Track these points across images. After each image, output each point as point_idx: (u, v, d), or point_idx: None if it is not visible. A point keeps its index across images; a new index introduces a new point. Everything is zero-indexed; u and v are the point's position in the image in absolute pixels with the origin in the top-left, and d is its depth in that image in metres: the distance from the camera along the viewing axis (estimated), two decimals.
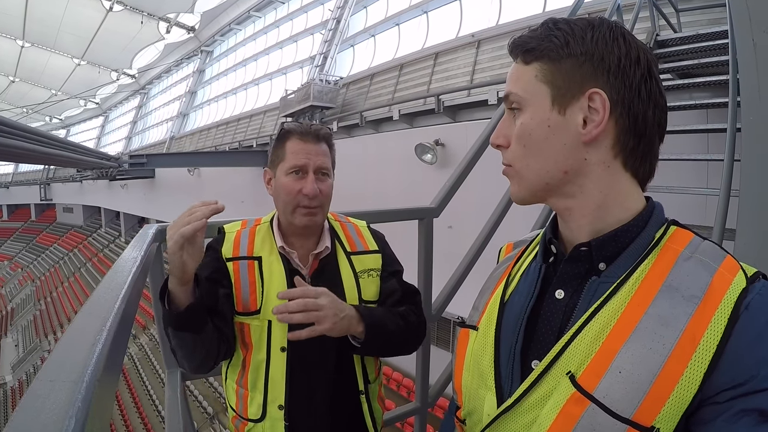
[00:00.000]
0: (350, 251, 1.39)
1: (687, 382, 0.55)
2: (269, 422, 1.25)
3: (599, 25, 0.65)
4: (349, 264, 1.36)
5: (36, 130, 8.78)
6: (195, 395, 13.80)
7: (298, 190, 1.26)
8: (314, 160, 1.28)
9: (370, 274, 1.38)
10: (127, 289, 0.66)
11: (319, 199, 1.28)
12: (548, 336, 0.70)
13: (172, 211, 19.43)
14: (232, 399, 1.32)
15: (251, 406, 1.26)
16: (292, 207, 1.27)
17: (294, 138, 1.30)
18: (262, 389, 1.25)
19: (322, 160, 1.31)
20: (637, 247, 0.65)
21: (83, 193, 33.44)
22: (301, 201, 1.26)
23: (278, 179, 1.30)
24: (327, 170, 1.32)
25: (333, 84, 13.19)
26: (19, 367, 23.93)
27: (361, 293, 1.34)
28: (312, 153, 1.29)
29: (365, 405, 1.34)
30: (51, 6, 23.64)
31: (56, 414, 0.35)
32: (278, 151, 1.31)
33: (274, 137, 1.37)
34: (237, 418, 1.31)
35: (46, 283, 32.82)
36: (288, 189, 1.27)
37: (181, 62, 28.89)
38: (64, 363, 0.43)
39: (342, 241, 1.40)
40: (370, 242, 1.45)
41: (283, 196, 1.28)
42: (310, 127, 1.32)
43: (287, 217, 1.30)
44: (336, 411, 1.30)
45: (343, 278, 1.34)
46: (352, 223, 1.48)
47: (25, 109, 38.38)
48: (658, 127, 0.66)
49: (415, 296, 1.44)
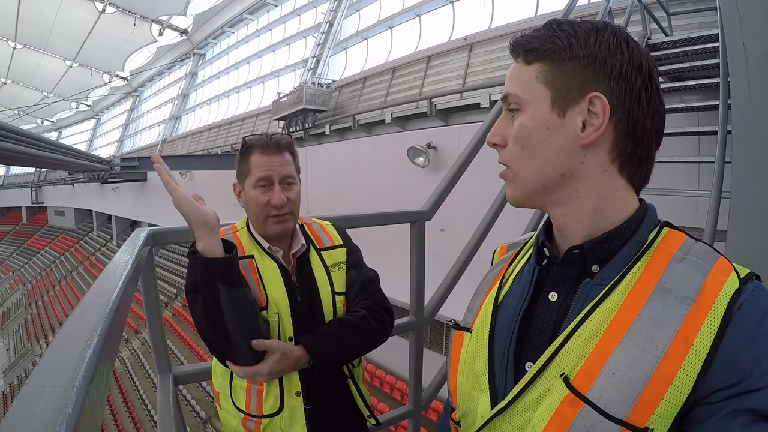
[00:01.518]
0: (320, 248, 1.48)
1: (680, 383, 0.55)
2: (287, 412, 1.31)
3: (603, 29, 0.65)
4: (320, 260, 1.45)
5: (27, 133, 8.73)
6: (188, 399, 13.71)
7: (266, 202, 1.33)
8: (278, 170, 1.35)
9: (339, 266, 1.48)
10: (118, 293, 0.65)
11: (288, 206, 1.35)
12: (542, 338, 0.70)
13: (164, 214, 19.36)
14: (242, 400, 1.34)
15: (267, 400, 1.32)
16: (263, 218, 1.35)
17: (256, 152, 1.35)
18: (277, 381, 1.31)
19: (286, 169, 1.37)
20: (630, 249, 0.65)
21: (75, 196, 33.23)
22: (270, 211, 1.34)
23: (247, 192, 1.37)
24: (292, 178, 1.39)
25: (325, 87, 13.22)
26: (10, 372, 23.68)
27: (333, 286, 1.43)
28: (275, 164, 1.35)
29: (353, 387, 1.46)
30: (43, 7, 23.51)
31: (46, 420, 0.34)
32: (243, 165, 1.38)
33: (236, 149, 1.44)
34: (248, 418, 1.33)
35: (37, 287, 32.54)
36: (257, 201, 1.34)
37: (174, 65, 28.83)
38: (55, 368, 0.43)
39: (311, 240, 1.48)
40: (336, 237, 1.54)
41: (253, 208, 1.35)
42: (271, 138, 1.38)
43: (260, 227, 1.37)
44: (331, 396, 1.41)
45: (316, 274, 1.42)
46: (317, 223, 1.57)
47: (16, 111, 38.15)
48: (656, 133, 0.66)
49: (373, 283, 1.53)
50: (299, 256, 1.41)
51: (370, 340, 1.41)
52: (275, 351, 1.21)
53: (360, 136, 10.77)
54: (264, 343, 1.20)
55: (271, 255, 1.36)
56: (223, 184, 15.13)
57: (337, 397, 1.43)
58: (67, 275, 31.03)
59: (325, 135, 11.83)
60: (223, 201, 3.94)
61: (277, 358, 1.21)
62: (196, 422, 12.94)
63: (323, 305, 1.39)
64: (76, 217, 38.14)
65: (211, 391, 13.60)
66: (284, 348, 1.24)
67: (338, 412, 1.42)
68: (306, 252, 1.43)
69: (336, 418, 1.42)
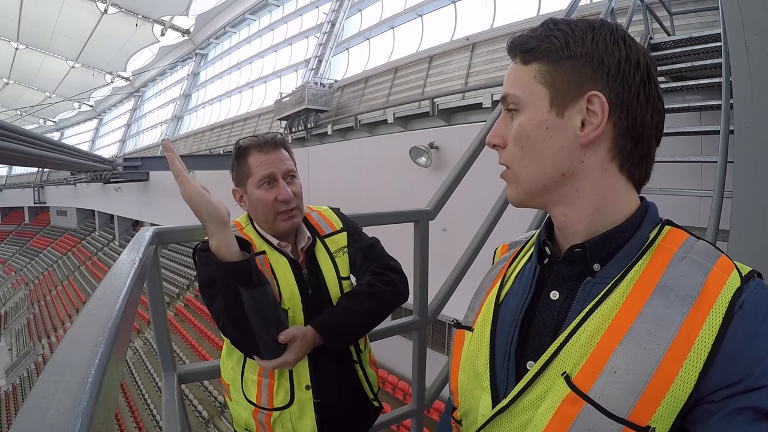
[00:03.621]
0: (322, 236, 1.48)
1: (682, 382, 0.55)
2: (297, 405, 1.32)
3: (600, 28, 0.65)
4: (324, 247, 1.46)
5: (30, 133, 8.76)
6: (190, 399, 13.72)
7: (274, 199, 1.32)
8: (279, 166, 1.35)
9: (343, 251, 1.49)
10: (127, 290, 0.66)
11: (295, 201, 1.35)
12: (543, 337, 0.70)
13: (166, 214, 19.37)
14: (253, 393, 1.34)
15: (278, 394, 1.32)
16: (272, 216, 1.34)
17: (253, 152, 1.35)
18: (287, 374, 1.32)
19: (287, 164, 1.37)
20: (632, 248, 0.65)
21: (77, 196, 33.22)
22: (279, 208, 1.33)
23: (251, 194, 1.35)
24: (294, 172, 1.40)
25: (328, 87, 13.20)
26: (12, 372, 23.69)
27: (339, 272, 1.44)
28: (276, 160, 1.35)
29: (360, 372, 1.47)
30: (46, 8, 23.48)
31: (62, 414, 0.35)
32: (242, 168, 1.37)
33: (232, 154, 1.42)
34: (259, 411, 1.34)
35: (40, 287, 32.55)
36: (264, 200, 1.33)
37: (176, 65, 28.79)
38: (68, 364, 0.43)
39: (314, 229, 1.48)
40: (336, 221, 1.54)
41: (260, 208, 1.34)
42: (268, 137, 1.38)
43: (270, 225, 1.36)
44: (341, 382, 1.42)
45: (321, 262, 1.43)
46: (315, 211, 1.56)
47: (18, 112, 38.13)
48: (655, 131, 0.66)
49: (374, 249, 1.54)
50: (307, 249, 1.42)
51: (382, 301, 1.41)
52: (296, 338, 1.23)
53: (362, 136, 10.74)
54: (287, 335, 1.21)
55: (280, 251, 1.36)
56: (225, 184, 15.10)
57: (345, 384, 1.43)
58: (70, 275, 31.03)
59: (328, 135, 11.82)
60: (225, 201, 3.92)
61: (299, 344, 1.23)
62: (198, 422, 12.94)
63: (330, 292, 1.40)
64: (78, 217, 38.12)
65: (213, 390, 13.64)
66: (302, 332, 1.25)
67: (346, 399, 1.43)
68: (313, 245, 1.44)
69: (344, 406, 1.42)
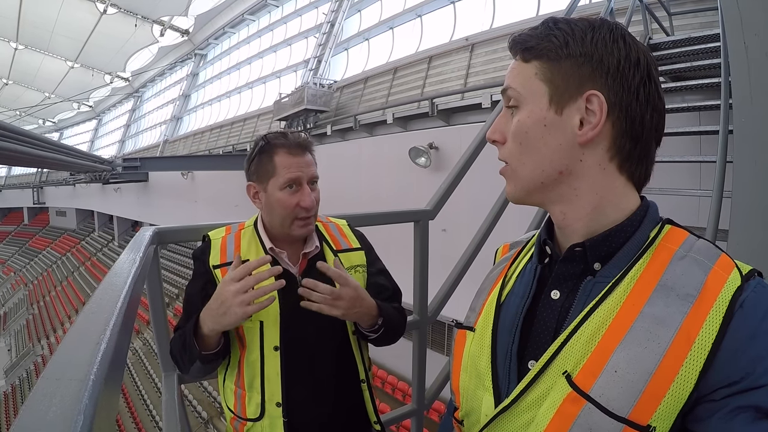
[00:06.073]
0: (336, 249, 1.43)
1: (683, 381, 0.55)
2: (268, 420, 1.27)
3: (600, 27, 0.65)
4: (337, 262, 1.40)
5: (29, 133, 8.75)
6: (189, 400, 13.71)
7: (296, 204, 1.28)
8: (306, 171, 1.31)
9: (357, 270, 1.43)
10: (128, 288, 0.66)
11: (314, 209, 1.32)
12: (544, 336, 0.70)
13: (165, 214, 19.38)
14: (231, 400, 1.33)
15: (249, 405, 1.28)
16: (290, 220, 1.30)
17: (282, 152, 1.29)
18: (259, 388, 1.27)
19: (313, 170, 1.34)
20: (632, 247, 0.65)
21: (76, 197, 33.18)
22: (298, 213, 1.29)
23: (272, 194, 1.30)
24: (317, 178, 1.36)
25: (327, 87, 13.22)
26: (12, 372, 23.68)
27: None
28: (303, 165, 1.30)
29: (366, 393, 1.40)
30: (45, 8, 23.47)
31: (64, 411, 0.35)
32: (266, 165, 1.30)
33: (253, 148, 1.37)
34: (236, 419, 1.32)
35: (39, 287, 32.55)
36: (285, 204, 1.28)
37: (175, 65, 28.79)
38: (69, 362, 0.43)
39: (327, 241, 1.44)
40: (353, 240, 1.50)
41: (279, 210, 1.30)
42: (297, 138, 1.33)
43: (285, 229, 1.32)
44: (338, 402, 1.36)
45: None
46: (334, 223, 1.53)
47: (18, 112, 38.11)
48: (655, 131, 0.66)
49: (400, 295, 1.53)
50: (311, 257, 1.36)
51: (404, 327, 1.45)
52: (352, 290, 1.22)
53: (361, 137, 10.75)
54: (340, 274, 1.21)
55: (273, 257, 1.30)
56: (225, 184, 15.15)
57: (343, 402, 1.37)
58: (69, 276, 31.03)
59: (327, 135, 11.83)
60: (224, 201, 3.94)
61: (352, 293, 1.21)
62: (197, 422, 12.94)
63: None
64: (77, 217, 38.16)
65: (212, 391, 13.65)
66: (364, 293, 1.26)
67: (337, 419, 1.36)
68: (319, 253, 1.38)
69: (333, 428, 1.36)
